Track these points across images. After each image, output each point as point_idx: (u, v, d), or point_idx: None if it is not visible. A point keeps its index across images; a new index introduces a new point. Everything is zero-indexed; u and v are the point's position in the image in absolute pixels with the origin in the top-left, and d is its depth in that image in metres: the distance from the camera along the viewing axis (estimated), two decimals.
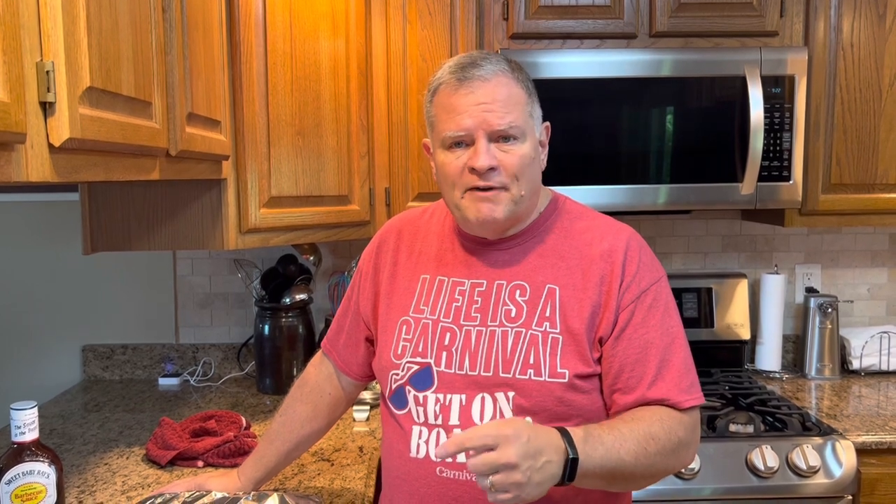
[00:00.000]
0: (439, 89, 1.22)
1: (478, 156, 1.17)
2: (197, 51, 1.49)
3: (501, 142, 1.18)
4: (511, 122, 1.18)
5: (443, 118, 1.21)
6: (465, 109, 1.18)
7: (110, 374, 2.47)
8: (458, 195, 1.21)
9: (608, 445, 1.06)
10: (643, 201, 2.10)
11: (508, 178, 1.19)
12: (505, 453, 0.96)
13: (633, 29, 2.14)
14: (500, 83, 1.19)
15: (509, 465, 0.96)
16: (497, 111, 1.17)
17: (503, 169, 1.18)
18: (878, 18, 2.14)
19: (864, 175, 2.19)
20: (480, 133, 1.17)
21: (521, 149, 1.19)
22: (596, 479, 1.07)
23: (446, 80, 1.21)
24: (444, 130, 1.21)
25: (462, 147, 1.20)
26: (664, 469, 1.15)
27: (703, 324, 2.45)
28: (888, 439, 1.90)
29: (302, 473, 1.65)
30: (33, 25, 0.91)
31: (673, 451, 1.14)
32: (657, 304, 1.20)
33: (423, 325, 1.26)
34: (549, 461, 1.00)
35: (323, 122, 1.99)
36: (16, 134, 0.87)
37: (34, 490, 1.29)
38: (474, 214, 1.20)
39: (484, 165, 1.17)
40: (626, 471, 1.08)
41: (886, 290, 2.60)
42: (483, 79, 1.18)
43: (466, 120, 1.18)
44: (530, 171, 1.21)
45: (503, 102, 1.18)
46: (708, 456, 1.87)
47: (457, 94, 1.19)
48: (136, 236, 1.80)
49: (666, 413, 1.15)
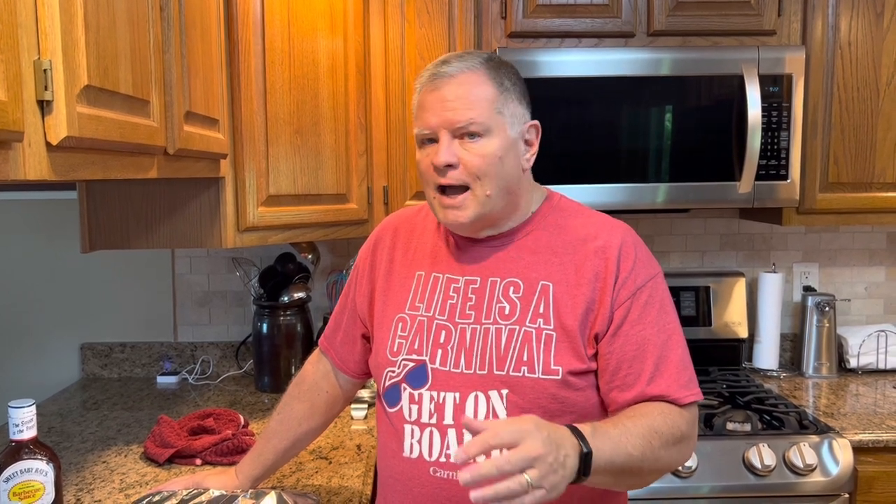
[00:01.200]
0: (418, 88, 1.25)
1: (437, 152, 1.19)
2: (195, 49, 1.49)
3: (466, 139, 1.19)
4: (472, 118, 1.18)
5: (416, 116, 1.25)
6: (430, 107, 1.20)
7: (109, 373, 2.48)
8: (430, 193, 1.24)
9: (615, 440, 1.05)
10: (641, 200, 2.10)
11: (468, 177, 1.19)
12: (532, 446, 0.93)
13: (631, 28, 2.14)
14: (464, 80, 1.19)
15: (539, 458, 0.93)
16: (458, 108, 1.18)
17: (463, 166, 1.19)
18: (875, 17, 2.15)
19: (861, 174, 2.19)
20: (443, 130, 1.19)
21: (485, 146, 1.19)
22: (607, 475, 1.05)
23: (424, 78, 1.24)
24: (416, 128, 1.24)
25: (431, 144, 1.22)
26: (668, 463, 1.15)
27: (700, 322, 2.45)
28: (885, 437, 1.90)
29: (300, 471, 1.66)
30: (31, 24, 0.91)
31: (676, 445, 1.13)
32: (653, 301, 1.20)
33: (418, 323, 1.27)
34: (567, 455, 0.97)
35: (321, 121, 1.99)
36: (13, 132, 0.87)
37: (32, 488, 1.29)
38: (443, 218, 1.23)
39: (440, 162, 1.18)
40: (633, 466, 1.07)
41: (884, 288, 2.60)
42: (448, 76, 1.20)
43: (431, 118, 1.20)
44: (497, 170, 1.20)
45: (465, 99, 1.18)
46: (705, 454, 1.87)
47: (425, 91, 1.22)
48: (135, 235, 1.80)
49: (667, 408, 1.15)
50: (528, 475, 0.92)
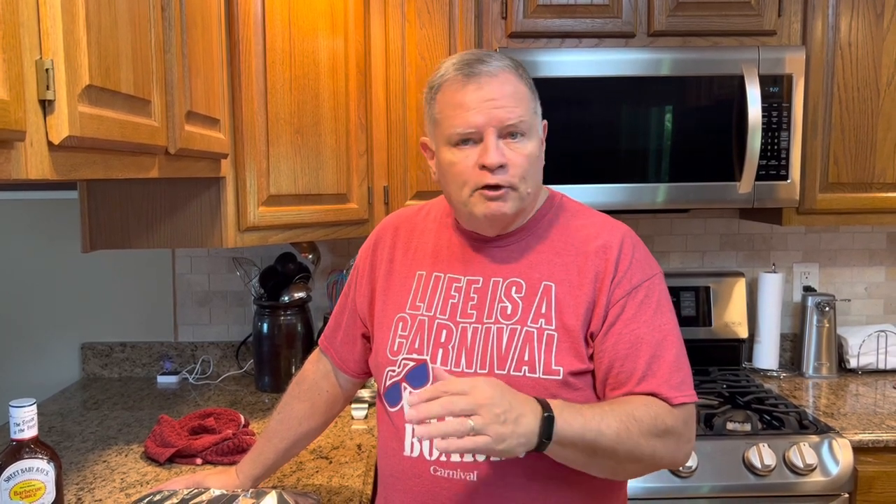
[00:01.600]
0: (443, 86, 1.21)
1: (488, 152, 1.16)
2: (196, 49, 1.49)
3: (509, 139, 1.18)
4: (520, 116, 1.17)
5: (449, 115, 1.19)
6: (473, 105, 1.17)
7: (109, 372, 2.48)
8: (466, 193, 1.20)
9: (587, 417, 1.06)
10: (641, 200, 2.10)
11: (516, 178, 1.18)
12: (479, 395, 0.99)
13: (631, 28, 2.14)
14: (506, 79, 1.19)
15: (484, 406, 0.98)
16: (507, 106, 1.17)
17: (511, 167, 1.17)
18: (875, 18, 2.15)
19: (861, 174, 2.19)
20: (490, 129, 1.16)
21: (527, 147, 1.19)
22: (577, 450, 1.06)
23: (451, 76, 1.20)
24: (451, 127, 1.19)
25: (470, 144, 1.19)
26: (650, 455, 1.12)
27: (700, 322, 2.45)
28: (885, 437, 1.90)
29: (300, 471, 1.66)
30: (33, 24, 0.91)
31: (660, 438, 1.12)
32: (649, 301, 1.19)
33: (419, 322, 1.27)
34: (523, 415, 1.01)
35: (322, 121, 2.00)
36: (15, 132, 0.88)
37: (33, 487, 1.29)
38: (482, 210, 1.19)
39: (494, 162, 1.16)
40: (607, 446, 1.07)
41: (884, 288, 2.61)
42: (490, 74, 1.18)
43: (476, 116, 1.17)
44: (536, 169, 1.22)
45: (511, 98, 1.17)
46: (705, 454, 1.87)
47: (464, 91, 1.18)
48: (135, 234, 1.80)
49: (651, 400, 1.14)
50: (472, 420, 0.98)
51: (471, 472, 1.18)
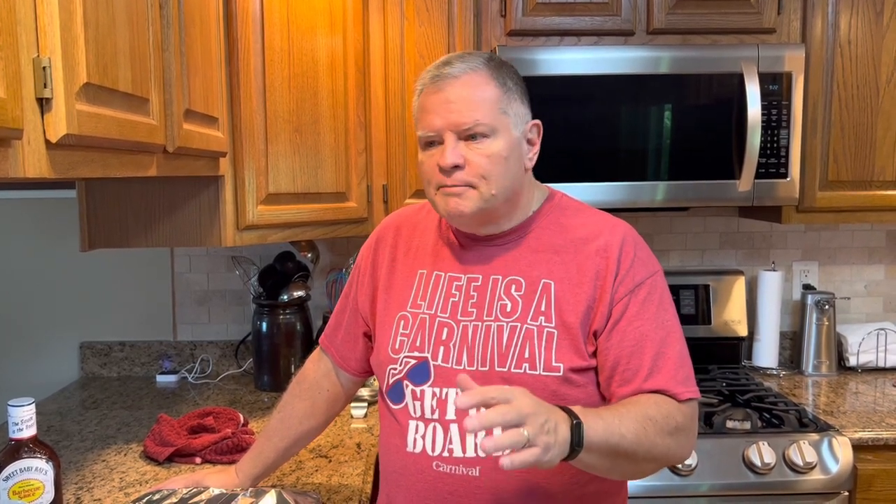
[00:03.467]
0: (421, 91, 1.24)
1: (443, 154, 1.19)
2: (194, 47, 1.49)
3: (470, 140, 1.19)
4: (477, 119, 1.18)
5: (419, 118, 1.24)
6: (433, 109, 1.20)
7: (108, 372, 2.47)
8: (432, 192, 1.24)
9: (608, 421, 1.06)
10: (641, 198, 2.10)
11: (474, 177, 1.19)
12: (523, 403, 0.96)
13: (630, 26, 2.14)
14: (467, 81, 1.19)
15: (531, 415, 0.95)
16: (462, 110, 1.18)
17: (469, 167, 1.18)
18: (875, 16, 2.15)
19: (861, 172, 2.19)
20: (448, 132, 1.19)
21: (489, 147, 1.19)
22: (601, 455, 1.05)
23: (425, 80, 1.23)
24: (419, 130, 1.24)
25: (435, 146, 1.22)
26: (664, 453, 1.14)
27: (700, 320, 2.45)
28: (885, 435, 1.90)
29: (300, 470, 1.66)
30: (30, 21, 0.91)
31: (672, 435, 1.13)
32: (652, 298, 1.20)
33: (420, 320, 1.27)
34: (558, 423, 0.98)
35: (320, 119, 1.99)
36: (13, 130, 0.87)
37: (32, 486, 1.29)
38: (444, 209, 1.22)
39: (447, 164, 1.18)
40: (628, 449, 1.07)
41: (883, 286, 2.61)
42: (452, 76, 1.19)
43: (435, 119, 1.20)
44: (502, 170, 1.20)
45: (469, 101, 1.18)
46: (705, 452, 1.87)
47: (428, 94, 1.21)
48: (134, 233, 1.80)
49: (661, 398, 1.15)
50: (526, 430, 0.94)
51: (473, 467, 1.18)
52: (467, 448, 1.19)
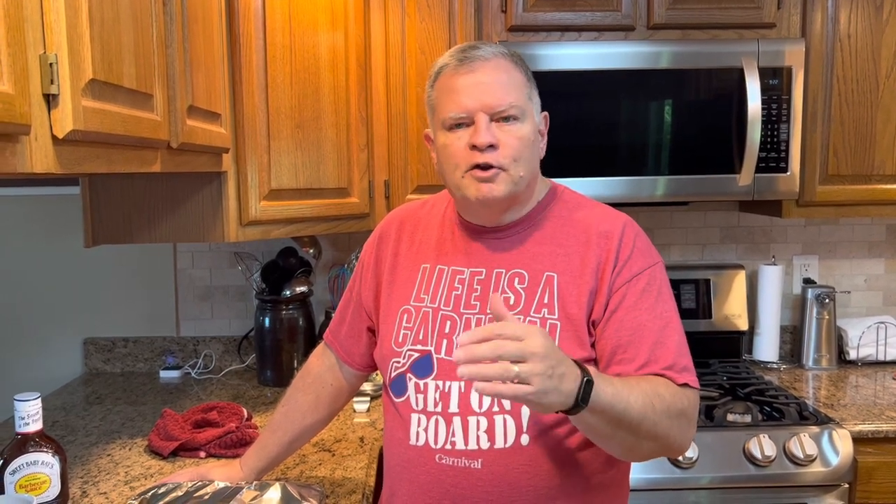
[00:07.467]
0: (440, 73, 1.24)
1: (478, 133, 1.18)
2: (197, 43, 1.50)
3: (502, 122, 1.20)
4: (511, 101, 1.19)
5: (443, 100, 1.22)
6: (465, 90, 1.19)
7: (111, 367, 2.48)
8: (458, 175, 1.22)
9: (618, 387, 1.06)
10: (641, 193, 2.11)
11: (507, 159, 1.19)
12: (533, 343, 0.96)
13: (630, 21, 2.15)
14: (499, 65, 1.21)
15: (535, 355, 0.95)
16: (497, 91, 1.19)
17: (502, 148, 1.19)
18: (875, 10, 2.15)
19: (861, 166, 2.20)
20: (480, 113, 1.19)
21: (520, 130, 1.20)
22: (605, 419, 1.05)
23: (447, 62, 1.23)
24: (445, 111, 1.22)
25: (463, 128, 1.21)
26: (666, 433, 1.13)
27: (701, 315, 2.46)
28: (884, 428, 1.91)
29: (303, 463, 1.67)
30: (36, 18, 0.92)
31: (676, 418, 1.13)
32: (650, 289, 1.21)
33: (423, 314, 1.28)
34: (566, 373, 0.99)
35: (322, 115, 2.00)
36: (20, 126, 0.88)
37: (38, 480, 1.30)
38: (474, 193, 1.21)
39: (484, 142, 1.18)
40: (633, 419, 1.07)
41: (883, 280, 2.61)
42: (483, 59, 1.20)
43: (466, 100, 1.19)
44: (529, 153, 1.22)
45: (503, 83, 1.19)
46: (706, 445, 1.88)
47: (457, 75, 1.21)
48: (137, 229, 1.81)
49: (669, 382, 1.16)
50: (518, 367, 0.95)
51: (475, 459, 1.19)
52: (469, 441, 1.20)
